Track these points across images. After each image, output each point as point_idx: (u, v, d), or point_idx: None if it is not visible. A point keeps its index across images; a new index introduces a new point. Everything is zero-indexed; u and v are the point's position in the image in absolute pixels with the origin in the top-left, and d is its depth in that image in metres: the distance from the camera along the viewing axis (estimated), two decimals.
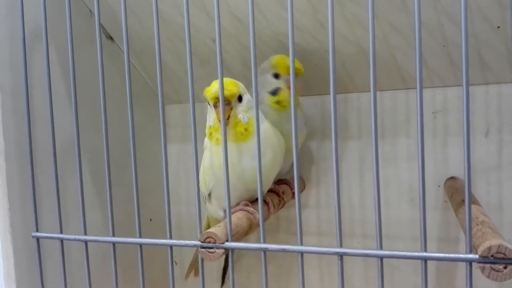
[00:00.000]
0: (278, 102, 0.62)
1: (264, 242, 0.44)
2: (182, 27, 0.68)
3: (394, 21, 0.60)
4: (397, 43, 0.63)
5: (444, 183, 0.69)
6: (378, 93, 0.76)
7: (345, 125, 0.75)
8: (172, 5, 0.64)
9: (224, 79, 0.48)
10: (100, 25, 0.49)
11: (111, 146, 0.50)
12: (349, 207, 0.76)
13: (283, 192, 0.66)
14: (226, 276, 0.81)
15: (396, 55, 0.65)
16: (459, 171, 0.69)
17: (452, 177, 0.69)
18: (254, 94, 0.46)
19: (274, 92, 0.62)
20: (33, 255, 0.54)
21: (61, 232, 0.53)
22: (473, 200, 0.54)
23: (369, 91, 0.73)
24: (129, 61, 0.46)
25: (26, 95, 0.52)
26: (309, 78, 0.71)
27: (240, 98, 0.54)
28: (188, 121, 0.84)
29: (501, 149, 0.67)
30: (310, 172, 0.77)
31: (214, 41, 0.69)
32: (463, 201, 0.53)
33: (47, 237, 0.54)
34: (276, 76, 0.63)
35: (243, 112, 0.54)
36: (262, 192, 0.44)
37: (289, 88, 0.54)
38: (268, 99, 0.62)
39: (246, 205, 0.55)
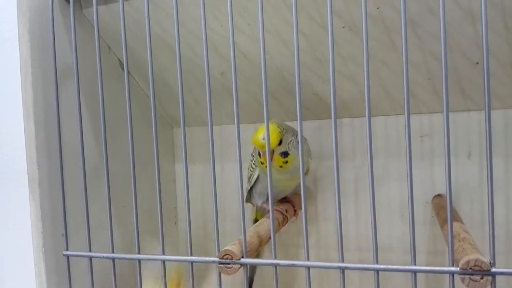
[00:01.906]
0: (262, 163, 0.69)
1: (275, 258, 0.50)
2: (191, 61, 0.75)
3: (384, 58, 0.67)
4: (387, 76, 0.70)
5: (432, 200, 0.76)
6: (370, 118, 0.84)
7: (340, 147, 0.82)
8: (182, 41, 0.71)
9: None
10: (118, 58, 0.56)
11: (125, 168, 0.57)
12: (344, 223, 0.82)
13: (286, 210, 0.73)
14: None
15: (386, 86, 0.72)
16: (445, 188, 0.76)
17: (439, 194, 0.76)
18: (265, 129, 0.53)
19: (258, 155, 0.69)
20: (62, 272, 0.60)
21: (90, 251, 0.59)
22: (457, 218, 0.61)
23: (362, 116, 0.81)
24: (155, 107, 0.53)
25: (58, 128, 0.58)
26: (308, 105, 0.79)
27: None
28: (195, 143, 0.92)
29: (482, 170, 0.75)
30: (309, 190, 0.84)
31: (221, 74, 0.76)
32: None
33: (77, 255, 0.59)
34: None
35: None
36: (273, 212, 0.50)
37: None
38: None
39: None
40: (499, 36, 0.61)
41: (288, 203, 0.76)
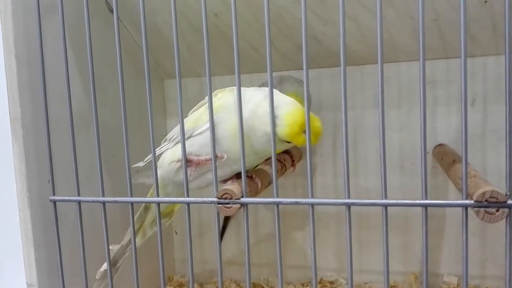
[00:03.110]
0: None
1: (277, 196, 0.47)
2: (185, 3, 0.70)
3: None
4: (390, 18, 0.67)
5: (433, 150, 0.74)
6: (370, 66, 0.80)
7: (340, 97, 0.78)
8: None
9: None
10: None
11: (115, 117, 0.53)
12: (343, 175, 0.80)
13: (284, 160, 0.70)
14: (224, 234, 0.84)
15: (390, 29, 0.69)
16: (446, 138, 0.74)
17: (440, 144, 0.74)
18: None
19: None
20: (49, 218, 0.57)
21: (78, 195, 0.55)
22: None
23: (362, 64, 0.78)
24: (147, 59, 0.49)
25: (41, 65, 0.54)
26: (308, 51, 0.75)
27: None
28: (187, 96, 0.88)
29: (486, 118, 0.73)
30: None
31: (216, 15, 0.72)
32: (454, 161, 0.58)
33: (65, 200, 0.56)
34: None
35: None
36: (275, 154, 0.47)
37: None
38: None
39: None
40: None
41: (286, 153, 0.73)
